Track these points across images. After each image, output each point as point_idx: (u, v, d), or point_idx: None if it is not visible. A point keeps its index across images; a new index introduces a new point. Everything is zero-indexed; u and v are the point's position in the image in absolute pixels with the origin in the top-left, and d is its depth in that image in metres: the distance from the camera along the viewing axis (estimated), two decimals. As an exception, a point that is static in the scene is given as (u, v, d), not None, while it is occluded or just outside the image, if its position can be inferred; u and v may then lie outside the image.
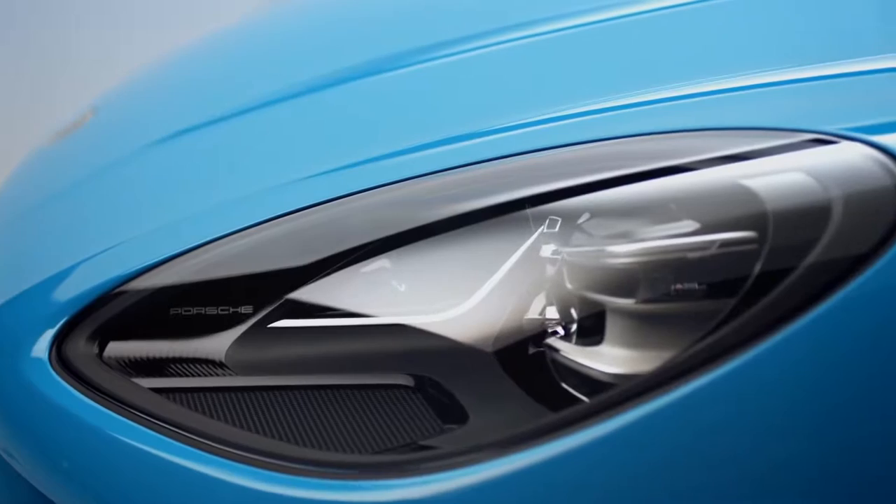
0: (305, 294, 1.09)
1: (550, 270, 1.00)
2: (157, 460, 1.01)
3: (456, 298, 1.06)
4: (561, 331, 1.00)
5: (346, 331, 1.08)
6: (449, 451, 0.90)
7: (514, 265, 1.03)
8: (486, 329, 1.03)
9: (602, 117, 1.06)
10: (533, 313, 1.02)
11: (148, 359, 1.10)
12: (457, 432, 0.98)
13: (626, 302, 0.93)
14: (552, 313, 1.01)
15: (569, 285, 0.96)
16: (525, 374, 1.01)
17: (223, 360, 1.09)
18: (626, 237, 0.94)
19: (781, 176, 0.93)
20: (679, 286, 0.92)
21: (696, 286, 0.92)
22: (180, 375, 1.09)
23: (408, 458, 0.92)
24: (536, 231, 1.02)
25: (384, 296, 1.09)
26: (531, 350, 1.02)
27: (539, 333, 1.01)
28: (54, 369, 1.08)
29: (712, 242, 0.91)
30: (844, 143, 0.94)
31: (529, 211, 1.02)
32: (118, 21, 3.58)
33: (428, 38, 1.37)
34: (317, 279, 1.09)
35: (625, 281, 0.93)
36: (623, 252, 0.93)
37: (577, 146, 1.03)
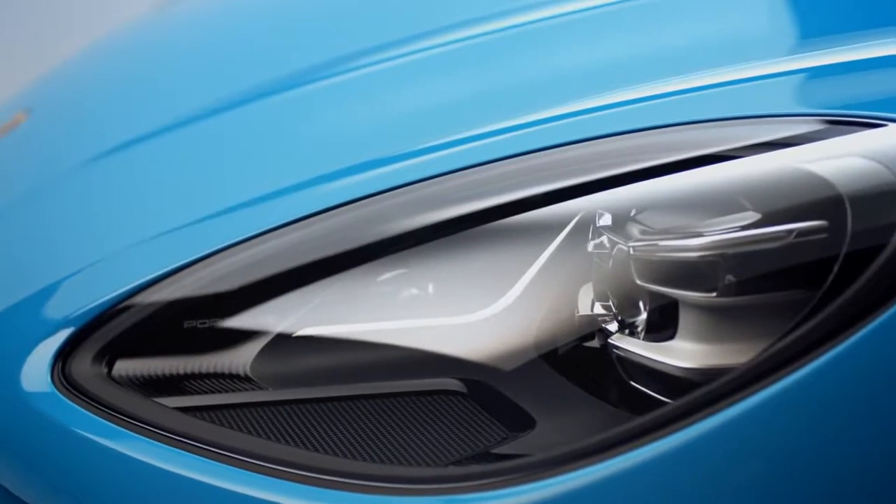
0: (332, 299, 1.03)
1: (611, 265, 0.96)
2: (192, 484, 0.93)
3: (504, 297, 1.02)
4: (626, 328, 0.96)
5: (382, 336, 1.02)
6: (545, 457, 0.86)
7: (567, 260, 1.00)
8: (539, 328, 1.00)
9: (617, 112, 1.03)
10: (591, 310, 0.99)
11: (163, 376, 1.02)
12: (527, 438, 0.94)
13: (703, 296, 0.90)
14: (614, 309, 0.97)
15: (638, 280, 0.93)
16: (588, 374, 0.98)
17: (248, 373, 1.02)
18: (693, 230, 0.91)
19: (845, 160, 0.91)
20: (758, 277, 0.90)
21: (777, 276, 0.89)
22: (201, 392, 1.02)
23: (500, 467, 0.87)
24: (590, 224, 0.98)
25: (418, 298, 1.04)
26: (592, 348, 0.98)
27: (599, 331, 0.98)
28: (61, 392, 0.99)
29: (790, 231, 0.89)
30: (893, 126, 0.93)
31: (579, 204, 0.98)
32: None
33: (360, 44, 1.31)
34: (343, 283, 1.03)
35: (701, 274, 0.90)
36: (698, 245, 0.90)
37: (619, 136, 0.99)
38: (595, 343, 0.98)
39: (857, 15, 1.13)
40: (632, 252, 0.93)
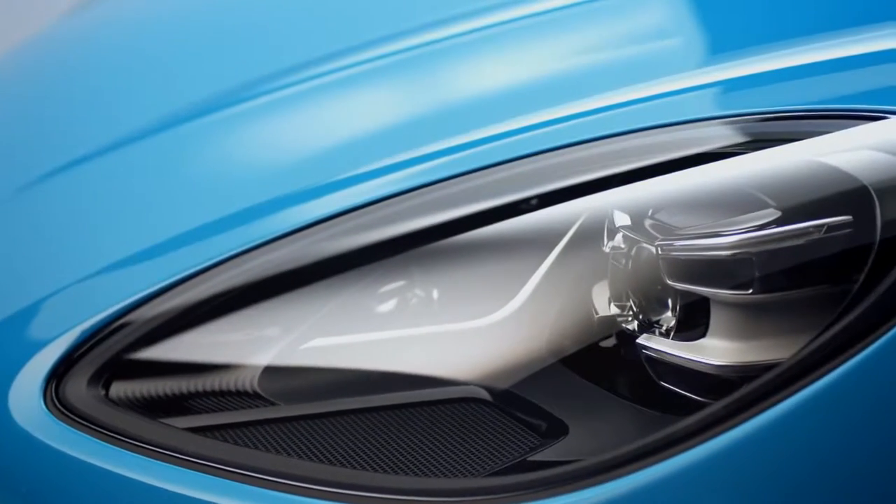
0: (340, 309, 1.00)
1: (632, 265, 0.95)
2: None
3: (512, 302, 1.00)
4: (648, 327, 0.95)
5: (396, 345, 0.99)
6: (597, 462, 0.84)
7: (579, 261, 0.98)
8: (556, 331, 0.98)
9: (613, 114, 1.02)
10: (609, 310, 0.97)
11: (165, 396, 0.98)
12: (563, 444, 0.92)
13: (737, 293, 0.90)
14: (635, 308, 0.96)
15: (667, 279, 0.92)
16: (613, 375, 0.97)
17: (256, 389, 0.98)
18: (722, 227, 0.90)
19: (861, 153, 0.92)
20: (792, 273, 0.89)
21: (810, 272, 0.89)
22: (207, 412, 0.97)
23: (551, 474, 0.84)
24: (599, 225, 0.97)
25: (425, 305, 1.02)
26: (616, 349, 0.97)
27: (619, 331, 0.97)
28: (56, 416, 0.93)
29: (820, 226, 0.88)
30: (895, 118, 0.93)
31: (589, 203, 0.97)
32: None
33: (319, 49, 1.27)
34: (351, 292, 1.00)
35: (734, 272, 0.89)
36: (731, 243, 0.89)
37: (616, 137, 0.98)
38: (618, 344, 0.97)
39: (839, 13, 1.14)
40: (659, 251, 0.92)
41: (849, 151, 0.92)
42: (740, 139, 0.95)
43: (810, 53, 1.03)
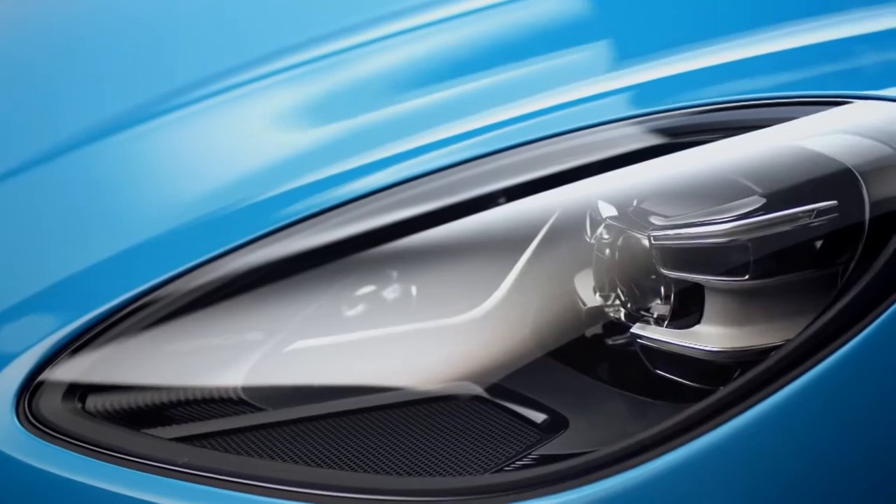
0: (322, 310, 0.97)
1: (619, 255, 0.95)
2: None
3: (502, 295, 0.99)
4: (637, 316, 0.95)
5: (384, 343, 0.97)
6: (609, 454, 0.83)
7: (561, 253, 0.98)
8: (543, 324, 0.97)
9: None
10: (595, 301, 0.97)
11: (145, 407, 0.94)
12: (564, 437, 0.91)
13: (734, 280, 0.90)
14: (623, 298, 0.96)
15: (662, 268, 0.91)
16: (606, 365, 0.96)
17: (241, 395, 0.95)
18: (715, 215, 0.90)
19: (836, 137, 0.92)
20: (787, 258, 0.90)
21: (804, 256, 0.90)
22: (191, 420, 0.94)
23: (557, 469, 0.83)
24: (578, 215, 0.97)
25: (405, 302, 1.00)
26: (608, 339, 0.96)
27: (608, 321, 0.96)
28: (32, 432, 0.89)
29: (810, 211, 0.89)
30: (860, 102, 0.95)
31: (574, 193, 0.96)
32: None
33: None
34: (331, 293, 0.98)
35: (730, 259, 0.89)
36: (726, 230, 0.89)
37: (609, 124, 0.98)
38: (609, 334, 0.96)
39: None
40: (652, 240, 0.91)
41: (825, 136, 0.92)
42: (697, 129, 0.95)
43: (754, 46, 1.04)
